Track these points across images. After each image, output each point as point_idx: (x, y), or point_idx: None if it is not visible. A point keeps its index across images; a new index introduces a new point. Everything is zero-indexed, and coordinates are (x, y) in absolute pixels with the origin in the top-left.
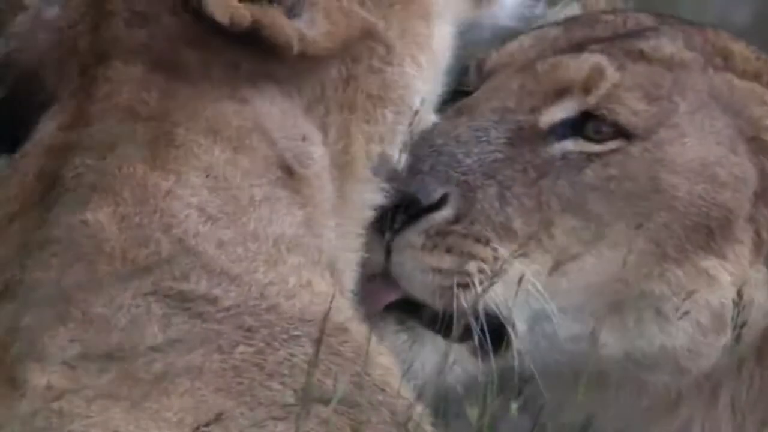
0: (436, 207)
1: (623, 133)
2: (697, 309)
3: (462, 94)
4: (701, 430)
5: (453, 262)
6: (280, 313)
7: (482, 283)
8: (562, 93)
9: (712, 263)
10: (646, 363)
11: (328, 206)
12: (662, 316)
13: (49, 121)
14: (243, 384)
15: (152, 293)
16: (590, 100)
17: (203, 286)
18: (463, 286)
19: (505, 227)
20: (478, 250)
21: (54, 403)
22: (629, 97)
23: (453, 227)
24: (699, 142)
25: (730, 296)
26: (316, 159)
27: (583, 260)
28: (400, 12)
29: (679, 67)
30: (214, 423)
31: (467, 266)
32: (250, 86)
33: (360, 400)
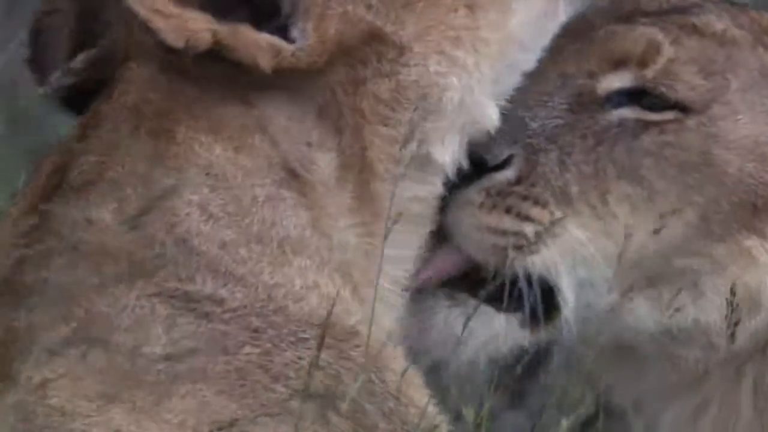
0: (501, 167)
1: (680, 106)
2: (733, 287)
3: None
4: (719, 411)
5: (511, 222)
6: (287, 315)
7: (537, 246)
8: (618, 63)
9: (753, 243)
10: (679, 337)
11: (339, 209)
12: (698, 291)
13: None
14: (246, 386)
15: (157, 294)
16: (647, 74)
17: (209, 286)
18: (518, 248)
19: (563, 192)
20: (535, 212)
21: (55, 401)
22: (686, 72)
23: (514, 188)
24: (751, 120)
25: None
26: (321, 165)
27: (632, 229)
28: (423, 9)
29: (731, 43)
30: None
31: (525, 228)
32: (257, 90)
33: (368, 406)
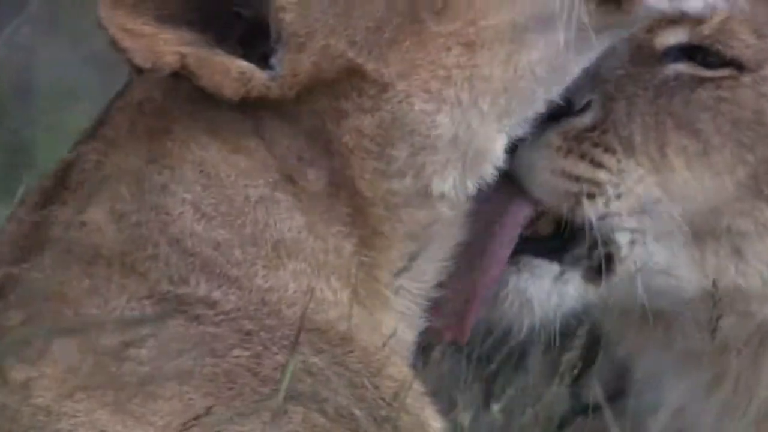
0: (581, 111)
1: (735, 63)
2: None
3: None
4: (734, 384)
5: (586, 169)
6: (281, 319)
7: (607, 196)
8: (674, 19)
9: None
10: (718, 302)
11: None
12: (740, 255)
13: None
14: (234, 389)
15: (148, 297)
16: (703, 31)
17: (203, 288)
18: (590, 195)
19: (629, 141)
20: (606, 159)
21: (40, 401)
22: (741, 31)
23: (588, 134)
24: None
25: None
26: (312, 180)
27: (686, 184)
28: (410, 48)
29: None
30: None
31: (598, 175)
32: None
33: (357, 412)
